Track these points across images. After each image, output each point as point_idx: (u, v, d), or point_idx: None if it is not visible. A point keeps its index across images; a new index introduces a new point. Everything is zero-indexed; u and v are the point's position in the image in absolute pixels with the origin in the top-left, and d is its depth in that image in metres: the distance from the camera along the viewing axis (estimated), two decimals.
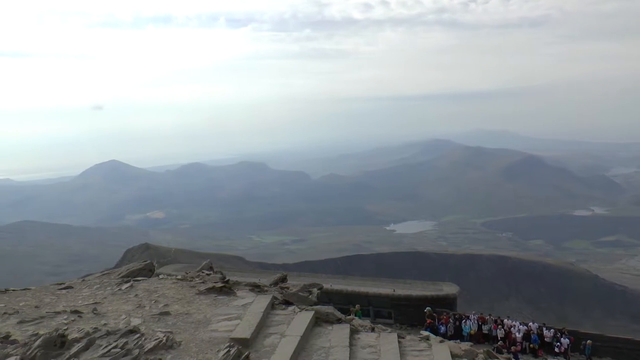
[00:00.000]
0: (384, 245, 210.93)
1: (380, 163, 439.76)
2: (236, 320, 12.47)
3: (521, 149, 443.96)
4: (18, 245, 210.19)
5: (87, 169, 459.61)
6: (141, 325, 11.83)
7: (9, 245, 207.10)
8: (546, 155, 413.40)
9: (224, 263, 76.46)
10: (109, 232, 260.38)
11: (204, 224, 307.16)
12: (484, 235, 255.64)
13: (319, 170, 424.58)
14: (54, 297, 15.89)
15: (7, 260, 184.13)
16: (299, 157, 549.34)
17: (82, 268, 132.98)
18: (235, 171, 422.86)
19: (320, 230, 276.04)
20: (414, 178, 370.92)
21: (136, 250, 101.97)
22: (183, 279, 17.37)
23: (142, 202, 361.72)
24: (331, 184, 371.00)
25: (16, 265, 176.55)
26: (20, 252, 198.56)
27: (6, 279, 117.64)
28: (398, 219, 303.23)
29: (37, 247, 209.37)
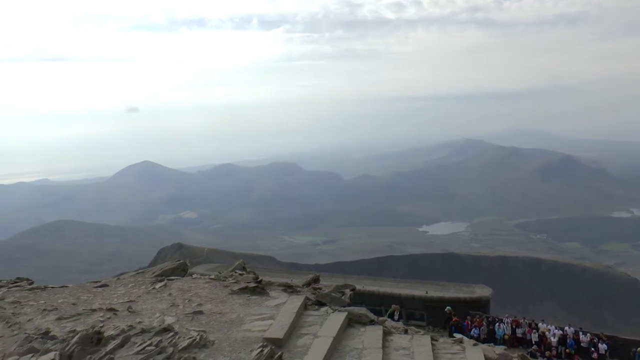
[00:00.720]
0: (416, 247, 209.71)
1: (413, 164, 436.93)
2: (269, 320, 12.47)
3: (556, 149, 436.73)
4: (56, 243, 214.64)
5: (121, 170, 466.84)
6: (175, 323, 11.91)
7: (48, 244, 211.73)
8: (582, 156, 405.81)
9: (256, 263, 76.85)
10: (142, 232, 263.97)
11: (236, 224, 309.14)
12: (517, 237, 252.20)
13: (351, 171, 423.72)
14: (90, 295, 16.13)
15: (46, 257, 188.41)
16: (331, 157, 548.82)
17: (116, 267, 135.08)
18: (267, 172, 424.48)
19: (352, 231, 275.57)
20: (447, 179, 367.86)
21: (169, 249, 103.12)
22: (216, 279, 17.46)
23: (174, 203, 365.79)
24: (363, 184, 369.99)
25: (54, 262, 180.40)
26: (58, 250, 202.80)
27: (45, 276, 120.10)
28: (430, 220, 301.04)
29: (73, 245, 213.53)
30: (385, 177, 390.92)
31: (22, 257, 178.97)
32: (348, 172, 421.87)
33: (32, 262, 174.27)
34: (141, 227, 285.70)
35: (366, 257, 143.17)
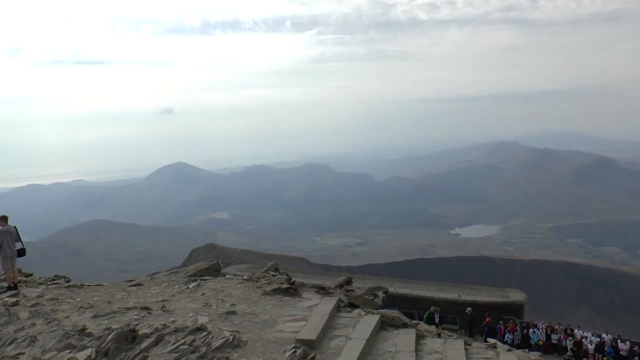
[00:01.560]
0: (449, 249, 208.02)
1: (445, 165, 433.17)
2: (302, 321, 12.46)
3: (593, 150, 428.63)
4: (91, 242, 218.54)
5: (155, 171, 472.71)
6: (208, 323, 11.98)
7: (83, 243, 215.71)
8: (620, 158, 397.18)
9: (288, 264, 77.02)
10: (176, 232, 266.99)
11: (268, 225, 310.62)
12: (552, 240, 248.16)
13: (383, 172, 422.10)
14: (125, 294, 16.34)
15: (82, 256, 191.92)
16: (363, 159, 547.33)
17: (150, 266, 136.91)
18: (300, 173, 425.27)
19: (384, 232, 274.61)
20: (480, 181, 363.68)
21: (202, 249, 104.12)
22: (249, 279, 17.54)
23: (207, 203, 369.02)
24: (395, 186, 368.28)
25: (89, 261, 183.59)
26: (93, 249, 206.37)
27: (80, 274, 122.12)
28: (463, 222, 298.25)
29: (108, 244, 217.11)
30: (418, 178, 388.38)
31: (58, 256, 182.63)
32: (380, 173, 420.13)
33: (68, 260, 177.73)
34: (174, 227, 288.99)
35: (398, 260, 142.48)
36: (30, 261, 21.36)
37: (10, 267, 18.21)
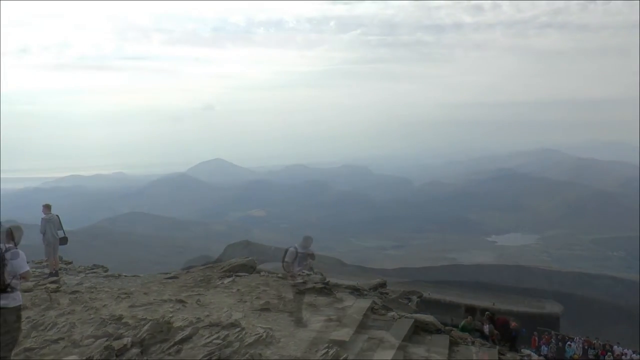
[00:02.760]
0: (485, 257, 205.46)
1: (486, 171, 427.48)
2: (336, 322, 12.45)
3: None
4: (129, 234, 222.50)
5: (194, 166, 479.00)
6: (242, 319, 12.05)
7: (122, 234, 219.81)
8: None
9: (323, 264, 77.03)
10: (212, 227, 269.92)
11: (304, 225, 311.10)
12: (592, 252, 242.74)
13: (422, 177, 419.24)
14: (161, 286, 16.58)
15: (120, 247, 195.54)
16: (402, 162, 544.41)
17: (185, 260, 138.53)
18: (338, 174, 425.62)
19: (421, 237, 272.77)
20: (520, 188, 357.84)
21: (237, 246, 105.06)
22: (284, 277, 17.62)
23: (244, 200, 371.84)
24: (434, 190, 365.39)
25: (127, 252, 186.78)
26: (130, 241, 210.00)
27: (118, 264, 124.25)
28: (501, 230, 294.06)
29: (145, 237, 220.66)
30: (457, 184, 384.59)
31: (97, 245, 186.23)
32: (419, 177, 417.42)
33: (106, 250, 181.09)
34: (211, 222, 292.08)
35: (433, 265, 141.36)
36: (70, 249, 21.86)
37: (53, 255, 18.69)
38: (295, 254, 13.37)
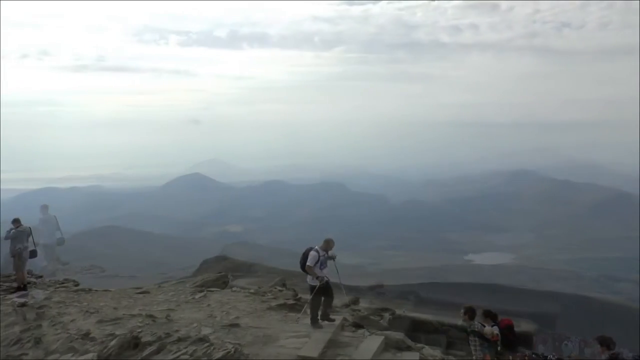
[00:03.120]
0: (461, 275, 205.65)
1: (463, 190, 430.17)
2: (304, 338, 12.44)
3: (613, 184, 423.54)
4: (104, 247, 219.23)
5: (171, 180, 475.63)
6: (211, 334, 12.00)
7: (97, 248, 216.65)
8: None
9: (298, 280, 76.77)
10: (188, 242, 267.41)
11: (280, 241, 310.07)
12: (566, 273, 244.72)
13: (399, 195, 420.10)
14: (131, 300, 16.44)
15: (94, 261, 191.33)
16: (379, 180, 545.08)
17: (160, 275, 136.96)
18: (315, 190, 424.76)
19: (398, 255, 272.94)
20: (496, 208, 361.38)
21: (212, 261, 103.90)
22: (255, 293, 17.58)
23: (221, 215, 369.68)
24: (411, 209, 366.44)
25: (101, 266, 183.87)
26: (105, 254, 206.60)
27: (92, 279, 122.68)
28: (477, 249, 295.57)
29: (120, 250, 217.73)
30: (434, 202, 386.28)
31: (71, 259, 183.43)
32: (396, 195, 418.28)
33: (80, 264, 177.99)
34: (187, 237, 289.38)
35: (410, 282, 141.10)
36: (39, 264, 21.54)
37: (21, 268, 18.41)
38: (317, 257, 13.24)
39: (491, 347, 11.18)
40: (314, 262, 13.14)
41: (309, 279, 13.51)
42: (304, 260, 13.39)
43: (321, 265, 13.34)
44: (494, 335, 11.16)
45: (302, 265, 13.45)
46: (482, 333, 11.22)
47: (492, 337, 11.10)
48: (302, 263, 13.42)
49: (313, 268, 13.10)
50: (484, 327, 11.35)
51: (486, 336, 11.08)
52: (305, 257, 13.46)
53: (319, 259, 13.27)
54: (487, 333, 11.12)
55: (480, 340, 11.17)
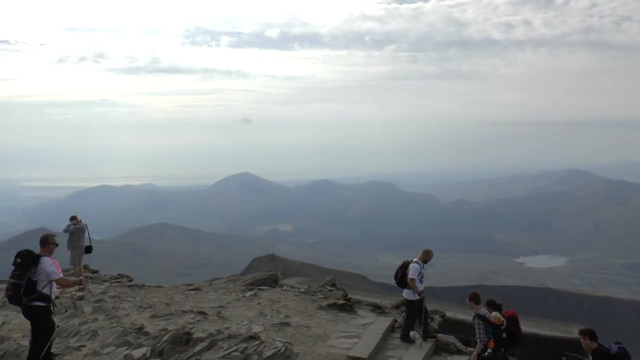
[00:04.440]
0: (511, 278, 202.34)
1: (514, 191, 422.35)
2: (355, 338, 12.39)
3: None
4: (155, 245, 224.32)
5: (221, 179, 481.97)
6: (261, 332, 12.07)
7: (148, 245, 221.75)
8: None
9: (347, 280, 76.75)
10: (238, 240, 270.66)
11: (330, 240, 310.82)
12: (624, 277, 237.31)
13: (448, 195, 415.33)
14: (183, 297, 16.71)
15: (146, 257, 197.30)
16: (429, 179, 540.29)
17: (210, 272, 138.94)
18: (364, 190, 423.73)
19: (446, 256, 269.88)
20: (549, 209, 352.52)
21: (262, 259, 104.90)
22: (305, 292, 17.60)
23: (271, 214, 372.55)
24: (460, 209, 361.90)
25: (152, 263, 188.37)
26: (156, 252, 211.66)
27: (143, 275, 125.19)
28: (528, 251, 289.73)
29: (171, 248, 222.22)
30: (484, 203, 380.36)
31: (124, 255, 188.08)
32: (446, 195, 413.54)
33: (133, 260, 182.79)
34: (237, 235, 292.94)
35: (458, 284, 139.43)
36: (97, 259, 22.14)
37: (78, 263, 19.02)
38: (419, 269, 12.66)
39: (497, 332, 10.90)
40: (417, 274, 12.54)
41: (407, 293, 12.91)
42: (402, 273, 12.66)
43: (421, 278, 12.77)
44: (499, 320, 11.01)
45: (400, 278, 12.78)
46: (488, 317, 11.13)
47: (497, 322, 10.97)
48: (400, 276, 12.71)
49: (415, 281, 12.49)
50: (490, 312, 11.24)
51: (491, 320, 10.94)
52: (403, 269, 12.74)
53: (421, 272, 12.65)
54: (493, 317, 11.00)
55: (485, 324, 10.98)
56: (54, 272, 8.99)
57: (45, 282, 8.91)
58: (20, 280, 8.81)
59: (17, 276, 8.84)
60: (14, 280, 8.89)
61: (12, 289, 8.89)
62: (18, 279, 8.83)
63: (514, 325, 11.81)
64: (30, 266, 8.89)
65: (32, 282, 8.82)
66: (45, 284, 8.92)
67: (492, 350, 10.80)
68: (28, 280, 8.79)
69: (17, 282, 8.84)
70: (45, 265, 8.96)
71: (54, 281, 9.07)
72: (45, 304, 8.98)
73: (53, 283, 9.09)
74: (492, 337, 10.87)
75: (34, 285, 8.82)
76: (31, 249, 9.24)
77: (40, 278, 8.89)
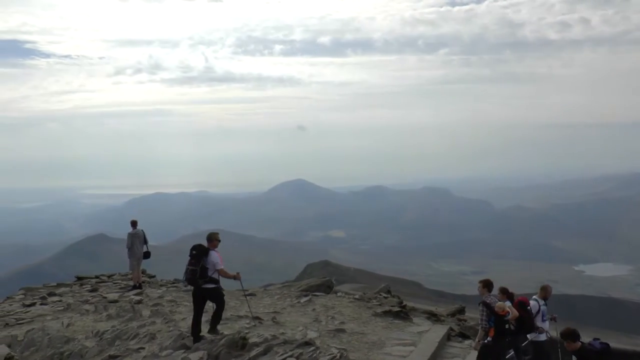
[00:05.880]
0: (571, 287, 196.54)
1: (572, 196, 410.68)
2: (410, 346, 12.24)
3: None
4: None
5: (275, 186, 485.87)
6: (317, 338, 12.04)
7: None
8: None
9: (401, 287, 76.13)
10: (291, 247, 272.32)
11: (383, 247, 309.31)
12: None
13: (503, 200, 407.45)
14: (238, 302, 16.85)
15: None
16: (483, 185, 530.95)
17: (264, 278, 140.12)
18: (418, 196, 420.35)
19: (502, 263, 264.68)
20: (610, 215, 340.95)
21: (316, 266, 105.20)
22: (360, 299, 17.51)
23: (324, 221, 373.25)
24: (516, 215, 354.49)
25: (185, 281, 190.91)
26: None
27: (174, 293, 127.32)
28: (588, 259, 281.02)
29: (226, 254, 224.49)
30: (541, 208, 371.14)
31: (179, 261, 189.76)
32: (501, 201, 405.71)
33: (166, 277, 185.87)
34: (290, 242, 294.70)
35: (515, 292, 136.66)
36: (153, 264, 22.62)
37: (137, 268, 19.48)
38: (537, 307, 12.21)
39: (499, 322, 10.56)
40: (535, 311, 12.06)
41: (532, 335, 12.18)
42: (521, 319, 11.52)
43: (543, 316, 12.26)
44: (503, 310, 10.62)
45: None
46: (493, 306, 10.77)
47: (501, 312, 10.57)
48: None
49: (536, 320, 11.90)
50: (496, 301, 10.86)
51: (495, 309, 10.55)
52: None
53: (540, 309, 12.17)
54: (497, 307, 10.63)
55: (489, 312, 10.59)
56: (218, 263, 11.45)
57: (212, 270, 11.32)
58: (196, 267, 11.21)
59: (194, 264, 11.25)
60: (191, 267, 11.25)
61: (190, 274, 11.27)
62: (194, 266, 11.23)
63: (523, 311, 11.43)
64: (203, 257, 11.38)
65: (205, 269, 11.21)
66: (213, 272, 11.33)
67: (491, 339, 10.51)
68: (202, 267, 11.19)
69: (194, 268, 11.22)
70: (212, 257, 11.47)
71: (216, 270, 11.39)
72: (214, 286, 11.44)
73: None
74: (493, 325, 10.58)
75: (205, 271, 11.20)
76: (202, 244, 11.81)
77: (209, 266, 11.27)
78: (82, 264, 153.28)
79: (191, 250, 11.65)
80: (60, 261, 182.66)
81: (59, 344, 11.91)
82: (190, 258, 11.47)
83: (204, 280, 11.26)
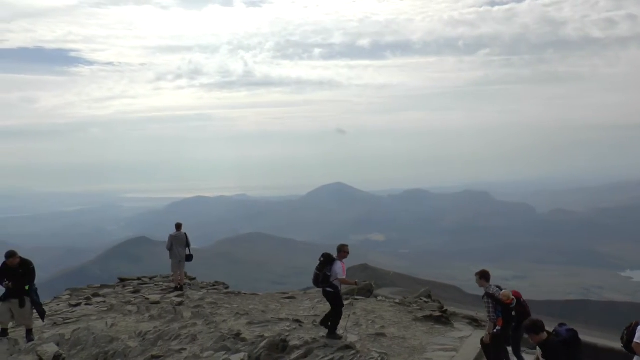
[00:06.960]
0: (618, 293, 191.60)
1: (617, 200, 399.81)
2: (452, 352, 12.10)
3: None
4: (249, 253, 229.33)
5: (314, 189, 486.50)
6: (357, 342, 12.01)
7: (242, 253, 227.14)
8: None
9: (441, 292, 75.36)
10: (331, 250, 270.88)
11: (423, 251, 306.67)
12: None
13: (546, 204, 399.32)
14: (278, 305, 16.92)
15: (241, 266, 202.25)
16: (525, 188, 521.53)
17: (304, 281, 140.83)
18: (458, 200, 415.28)
19: (544, 268, 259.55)
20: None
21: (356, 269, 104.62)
22: (401, 303, 17.40)
23: (364, 224, 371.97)
24: (559, 219, 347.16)
25: (246, 271, 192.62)
26: (250, 260, 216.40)
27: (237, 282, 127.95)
28: (636, 264, 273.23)
29: (265, 257, 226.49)
30: (584, 212, 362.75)
31: (219, 264, 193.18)
32: (542, 204, 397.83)
33: (227, 268, 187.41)
34: (330, 245, 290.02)
35: (558, 299, 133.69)
36: (193, 266, 22.88)
37: (178, 270, 19.72)
38: None
39: (506, 310, 10.71)
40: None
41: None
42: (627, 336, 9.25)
43: None
44: (508, 298, 10.76)
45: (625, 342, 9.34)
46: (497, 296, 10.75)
47: (507, 300, 10.72)
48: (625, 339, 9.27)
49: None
50: (500, 291, 10.70)
51: (501, 299, 10.68)
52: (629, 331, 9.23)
53: None
54: (502, 295, 10.74)
55: (495, 303, 10.70)
56: (340, 273, 12.26)
57: (334, 278, 12.21)
58: (320, 272, 12.29)
59: (319, 269, 12.36)
60: (316, 272, 12.38)
61: (314, 277, 12.42)
62: (318, 271, 12.34)
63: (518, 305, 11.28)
64: (328, 265, 12.39)
65: (327, 276, 12.24)
66: (334, 279, 12.20)
67: (500, 328, 10.66)
68: (324, 274, 12.27)
69: (317, 273, 12.32)
70: (336, 267, 12.32)
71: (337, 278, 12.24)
72: (333, 290, 12.26)
73: None
74: (501, 315, 10.65)
75: (327, 277, 12.22)
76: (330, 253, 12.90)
77: (332, 274, 12.23)
78: (125, 266, 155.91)
79: (320, 257, 12.95)
80: (103, 263, 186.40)
81: (103, 343, 12.14)
82: (319, 264, 12.62)
83: (325, 285, 12.32)
